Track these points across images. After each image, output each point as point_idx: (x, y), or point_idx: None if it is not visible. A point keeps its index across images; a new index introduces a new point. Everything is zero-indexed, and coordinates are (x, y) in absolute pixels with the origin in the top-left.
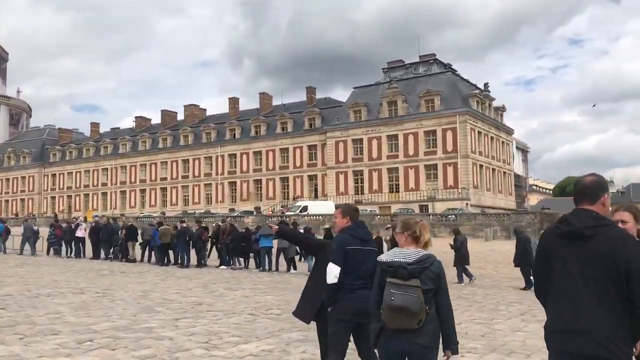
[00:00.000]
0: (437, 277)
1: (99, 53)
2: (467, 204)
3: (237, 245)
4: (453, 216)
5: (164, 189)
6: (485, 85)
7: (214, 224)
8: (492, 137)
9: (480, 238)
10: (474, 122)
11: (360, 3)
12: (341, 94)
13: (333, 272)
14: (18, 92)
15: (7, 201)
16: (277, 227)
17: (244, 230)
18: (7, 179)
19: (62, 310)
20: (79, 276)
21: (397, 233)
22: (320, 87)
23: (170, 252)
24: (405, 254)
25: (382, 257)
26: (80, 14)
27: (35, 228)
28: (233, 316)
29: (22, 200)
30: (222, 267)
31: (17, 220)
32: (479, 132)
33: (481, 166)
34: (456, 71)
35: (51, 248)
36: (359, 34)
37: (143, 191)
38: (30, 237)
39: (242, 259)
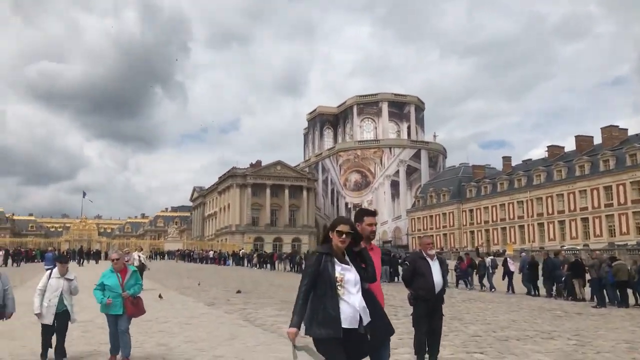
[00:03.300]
0: None
1: (501, 90)
2: None
3: None
4: None
5: (584, 220)
6: None
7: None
8: None
9: None
10: None
11: None
12: None
13: None
14: (434, 136)
15: (431, 236)
16: None
17: None
18: (431, 216)
19: None
20: (533, 316)
21: None
22: None
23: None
24: None
25: None
26: (482, 58)
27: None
28: None
29: (445, 235)
30: None
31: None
32: None
33: None
34: None
35: (459, 281)
36: None
37: (562, 222)
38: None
39: None
